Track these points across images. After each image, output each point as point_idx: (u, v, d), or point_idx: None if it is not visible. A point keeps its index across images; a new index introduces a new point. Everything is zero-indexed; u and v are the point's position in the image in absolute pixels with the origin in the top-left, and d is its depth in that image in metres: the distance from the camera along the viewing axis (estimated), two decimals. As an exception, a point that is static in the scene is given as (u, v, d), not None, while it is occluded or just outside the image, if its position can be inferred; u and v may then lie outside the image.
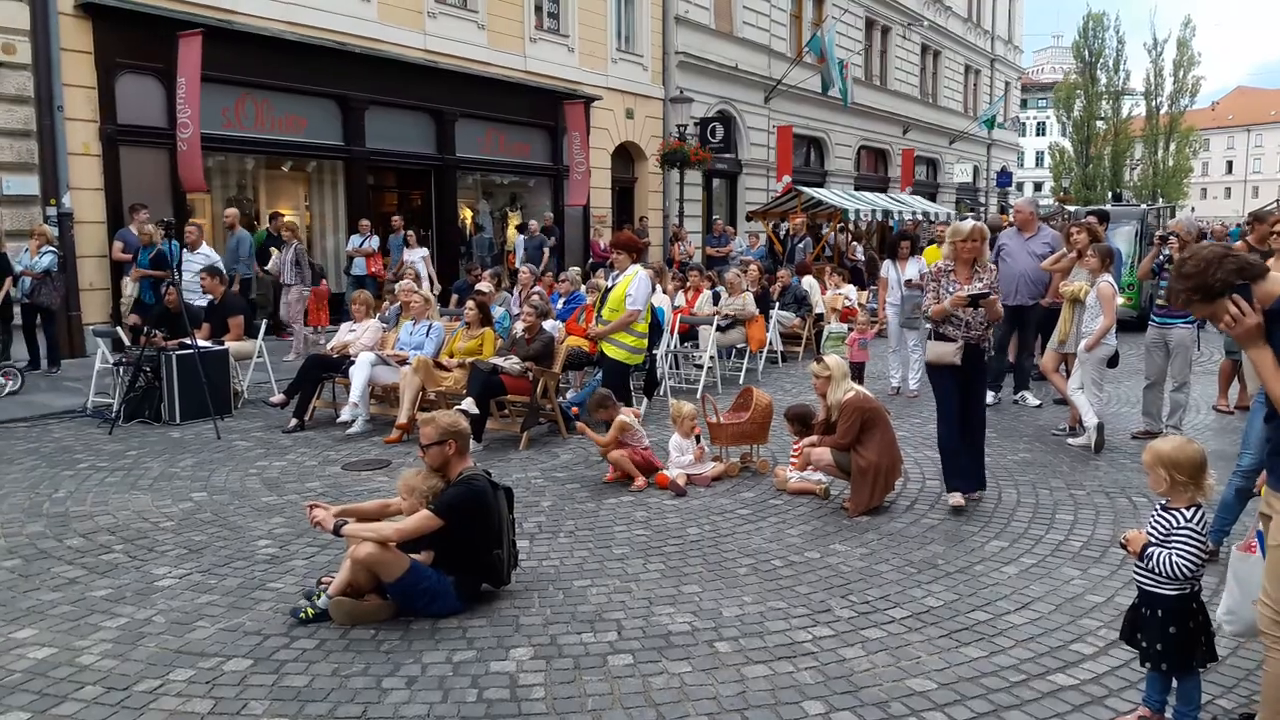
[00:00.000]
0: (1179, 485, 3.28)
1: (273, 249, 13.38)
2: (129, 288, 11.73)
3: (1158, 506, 3.39)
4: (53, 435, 8.29)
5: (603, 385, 7.77)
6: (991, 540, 5.53)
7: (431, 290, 12.88)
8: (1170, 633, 3.25)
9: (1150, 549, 3.28)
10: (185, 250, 10.57)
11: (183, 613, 4.48)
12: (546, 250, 17.32)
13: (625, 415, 6.87)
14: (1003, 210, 37.54)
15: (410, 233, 15.41)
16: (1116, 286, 7.88)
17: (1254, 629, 3.20)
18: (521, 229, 18.43)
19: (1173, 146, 55.19)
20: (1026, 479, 6.83)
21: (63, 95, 11.79)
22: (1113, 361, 7.92)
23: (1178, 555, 3.23)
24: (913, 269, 10.13)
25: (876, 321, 11.29)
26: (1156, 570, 3.26)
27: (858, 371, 9.92)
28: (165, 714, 3.57)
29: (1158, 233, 9.62)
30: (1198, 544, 3.25)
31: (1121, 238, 14.71)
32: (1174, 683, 3.35)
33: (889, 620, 4.40)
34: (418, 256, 14.85)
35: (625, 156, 22.22)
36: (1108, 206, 18.98)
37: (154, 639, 4.19)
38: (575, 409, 7.91)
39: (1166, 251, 8.41)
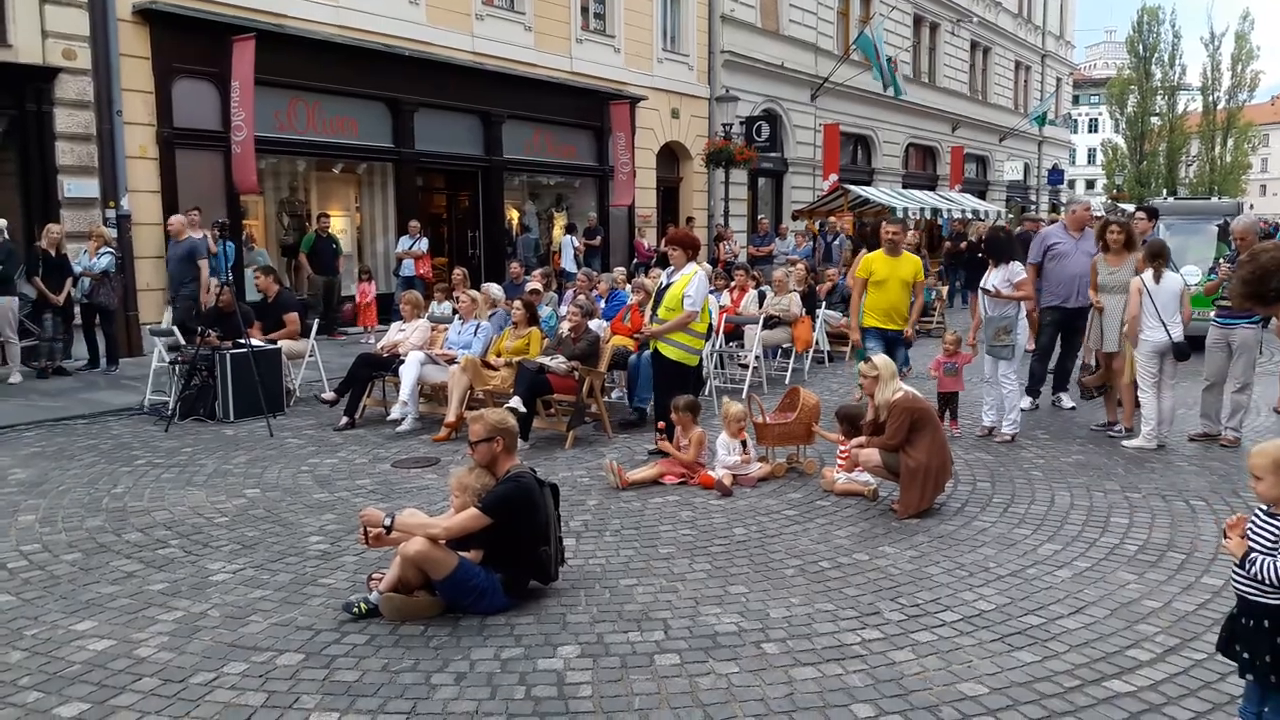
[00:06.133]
0: None
1: None
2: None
3: (1259, 511, 3.13)
4: (111, 432, 8.48)
5: (657, 385, 7.68)
6: (1044, 544, 5.43)
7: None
8: (1279, 643, 3.04)
9: (1254, 555, 3.04)
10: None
11: (236, 607, 4.55)
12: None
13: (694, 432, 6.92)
14: (1054, 208, 37.01)
15: None
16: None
17: None
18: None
19: (1230, 142, 53.86)
20: (1080, 481, 6.70)
21: (121, 100, 12.05)
22: (1181, 355, 7.62)
23: None
24: (997, 276, 8.05)
25: (969, 342, 8.51)
26: (1262, 578, 3.02)
27: (946, 403, 8.20)
28: (220, 706, 3.63)
29: (1222, 260, 9.23)
30: None
31: (1204, 241, 12.88)
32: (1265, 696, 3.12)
33: (939, 624, 4.34)
34: None
35: (670, 156, 22.20)
36: (1165, 200, 17.96)
37: (209, 632, 4.26)
38: (662, 424, 7.23)
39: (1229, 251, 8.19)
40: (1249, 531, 3.12)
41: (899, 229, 8.51)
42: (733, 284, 11.74)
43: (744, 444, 6.84)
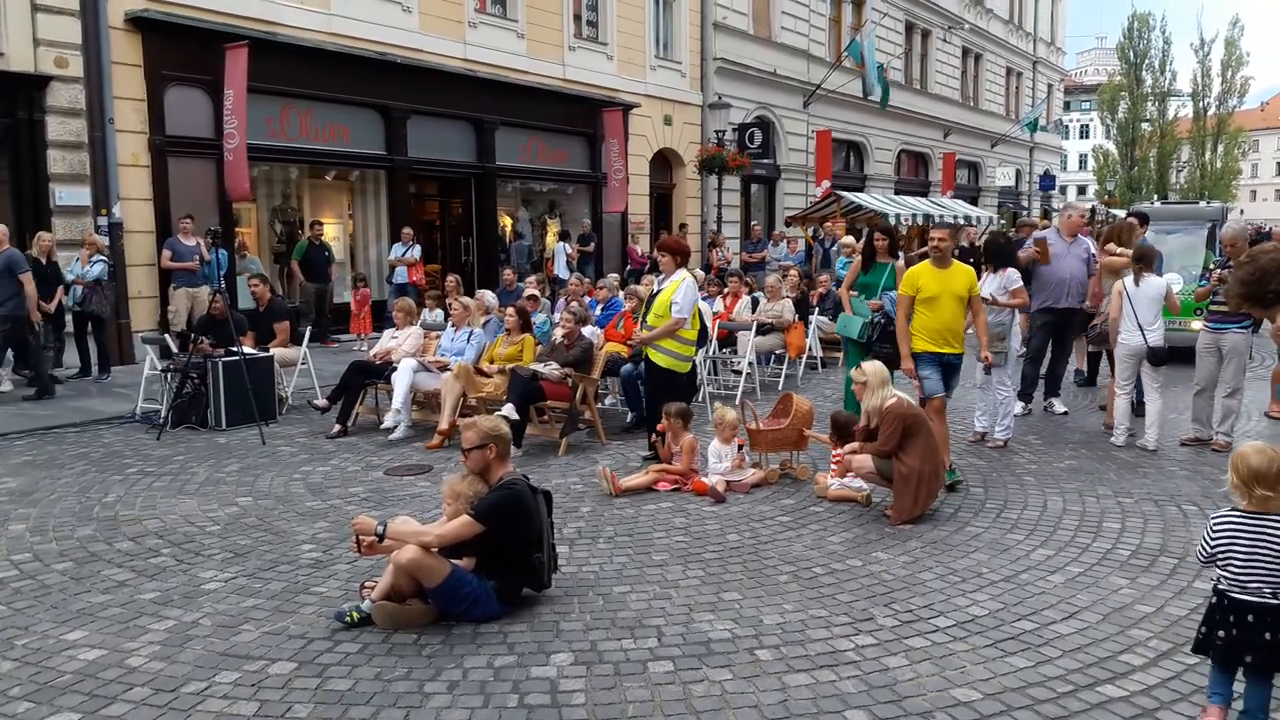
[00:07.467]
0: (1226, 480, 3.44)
1: None
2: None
3: None
4: (103, 440, 8.45)
5: (649, 392, 7.69)
6: (1037, 549, 5.44)
7: None
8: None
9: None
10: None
11: (228, 616, 4.53)
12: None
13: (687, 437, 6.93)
14: (1045, 214, 37.14)
15: None
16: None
17: None
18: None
19: (1220, 148, 54.15)
20: (1073, 486, 6.71)
21: (113, 107, 12.02)
22: (1156, 360, 7.71)
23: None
24: (993, 284, 7.90)
25: None
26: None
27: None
28: (212, 716, 3.61)
29: (1213, 266, 9.28)
30: (1205, 537, 3.39)
31: (1191, 246, 12.65)
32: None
33: (933, 629, 4.34)
34: None
35: (663, 163, 22.24)
36: (1152, 205, 17.94)
37: (201, 641, 4.25)
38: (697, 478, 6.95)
39: (1219, 257, 8.25)
40: None
41: (946, 235, 7.16)
42: (726, 290, 11.75)
43: (740, 449, 6.85)
